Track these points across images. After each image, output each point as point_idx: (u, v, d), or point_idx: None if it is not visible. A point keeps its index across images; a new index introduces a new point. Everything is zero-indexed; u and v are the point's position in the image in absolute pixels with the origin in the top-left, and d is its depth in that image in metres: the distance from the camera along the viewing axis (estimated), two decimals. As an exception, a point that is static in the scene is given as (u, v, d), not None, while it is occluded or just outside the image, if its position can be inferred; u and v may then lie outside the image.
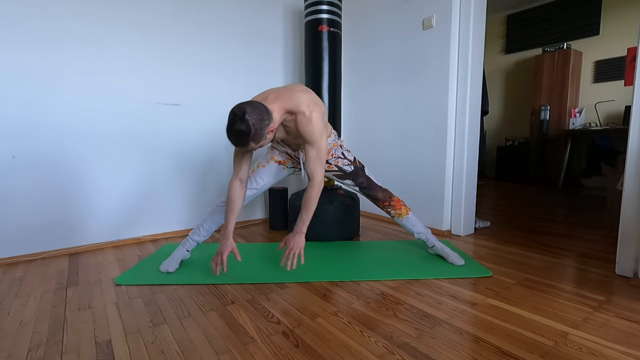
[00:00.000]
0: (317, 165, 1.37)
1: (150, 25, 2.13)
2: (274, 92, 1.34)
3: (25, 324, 1.20)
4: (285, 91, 1.34)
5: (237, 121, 1.15)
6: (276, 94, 1.33)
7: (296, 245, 1.42)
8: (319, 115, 1.33)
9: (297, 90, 1.35)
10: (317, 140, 1.33)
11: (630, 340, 1.05)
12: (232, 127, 1.16)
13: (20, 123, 1.80)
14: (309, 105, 1.31)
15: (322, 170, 1.39)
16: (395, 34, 2.46)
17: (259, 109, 1.18)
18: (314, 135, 1.32)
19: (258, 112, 1.17)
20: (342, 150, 1.70)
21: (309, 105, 1.31)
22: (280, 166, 1.66)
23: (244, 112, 1.15)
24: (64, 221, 1.96)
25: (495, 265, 1.69)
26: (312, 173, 1.39)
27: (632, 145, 1.46)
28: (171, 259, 1.66)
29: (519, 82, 4.92)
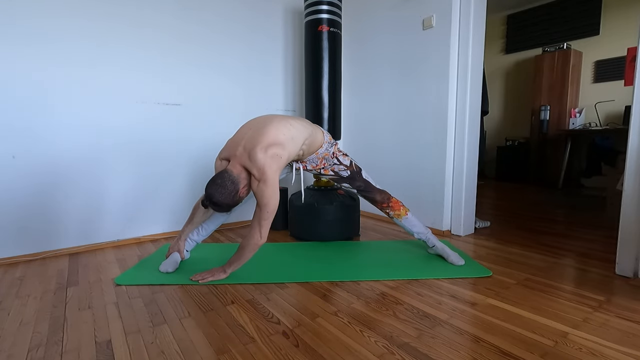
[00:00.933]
0: (258, 222, 1.37)
1: (150, 24, 2.13)
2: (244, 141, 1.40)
3: (25, 324, 1.20)
4: (250, 144, 1.36)
5: (211, 206, 1.34)
6: (242, 148, 1.38)
7: (213, 273, 1.50)
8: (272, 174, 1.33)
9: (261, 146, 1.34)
10: (265, 203, 1.35)
11: (630, 340, 1.05)
12: (213, 208, 1.35)
13: (20, 123, 1.80)
14: (262, 167, 1.32)
15: (263, 228, 1.38)
16: (395, 34, 2.46)
17: (224, 187, 1.31)
18: (262, 198, 1.34)
19: (222, 191, 1.31)
20: (336, 156, 1.70)
21: (262, 168, 1.32)
22: None
23: (211, 199, 1.32)
24: (63, 221, 1.96)
25: (495, 265, 1.69)
26: (252, 228, 1.39)
27: (632, 145, 1.46)
28: (171, 259, 1.66)
29: (519, 82, 4.92)
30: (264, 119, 1.48)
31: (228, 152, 1.43)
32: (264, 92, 2.67)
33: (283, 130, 1.42)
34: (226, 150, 1.44)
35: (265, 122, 1.44)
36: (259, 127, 1.42)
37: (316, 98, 2.18)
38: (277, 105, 2.75)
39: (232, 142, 1.44)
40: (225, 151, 1.45)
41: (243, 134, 1.43)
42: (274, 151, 1.35)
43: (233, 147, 1.41)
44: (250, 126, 1.46)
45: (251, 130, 1.42)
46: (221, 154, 1.46)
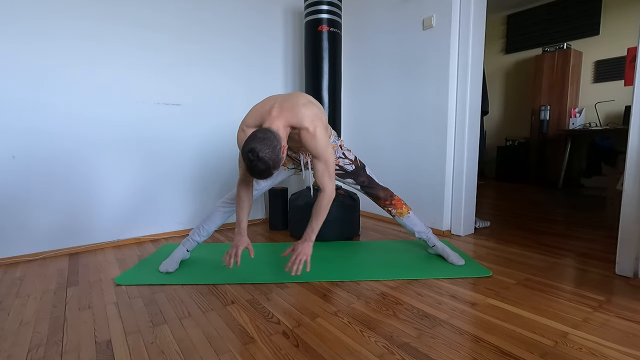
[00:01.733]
0: (325, 177, 1.38)
1: (150, 24, 2.13)
2: (277, 105, 1.33)
3: (25, 324, 1.20)
4: (288, 104, 1.33)
5: (255, 163, 1.17)
6: (279, 108, 1.32)
7: (303, 252, 1.41)
8: (322, 129, 1.34)
9: (300, 105, 1.33)
10: (322, 153, 1.34)
11: (630, 340, 1.05)
12: (254, 169, 1.18)
13: (20, 123, 1.80)
14: (312, 120, 1.31)
15: (331, 181, 1.40)
16: (395, 34, 2.46)
17: (268, 140, 1.18)
18: (319, 150, 1.33)
19: (268, 144, 1.17)
20: (342, 150, 1.70)
21: (312, 121, 1.31)
22: (281, 167, 1.66)
23: (257, 153, 1.16)
24: (64, 221, 1.96)
25: (495, 265, 1.69)
26: (322, 184, 1.40)
27: (632, 145, 1.46)
28: (171, 259, 1.66)
29: (519, 82, 4.92)
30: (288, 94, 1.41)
31: (258, 118, 1.32)
32: (264, 91, 2.67)
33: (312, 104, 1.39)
34: (254, 117, 1.34)
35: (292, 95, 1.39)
36: (286, 95, 1.37)
37: (316, 97, 2.19)
38: (277, 105, 2.75)
39: (259, 109, 1.34)
40: (252, 118, 1.34)
41: (271, 101, 1.35)
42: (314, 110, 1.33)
43: (264, 112, 1.32)
44: (275, 96, 1.39)
45: (280, 96, 1.36)
46: (247, 122, 1.35)
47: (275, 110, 1.30)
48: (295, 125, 1.31)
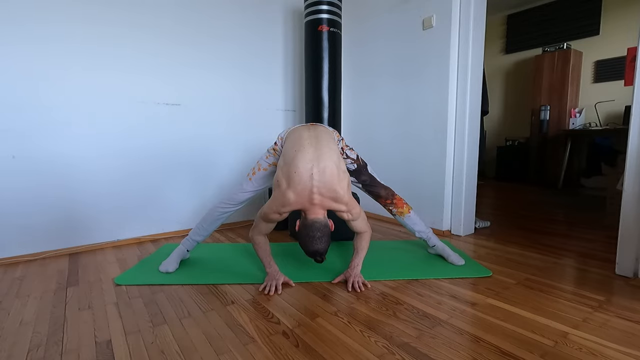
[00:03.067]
0: (364, 226, 1.50)
1: (150, 26, 2.13)
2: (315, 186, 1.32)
3: (25, 324, 1.20)
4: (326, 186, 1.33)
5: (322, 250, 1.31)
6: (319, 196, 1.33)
7: (357, 276, 1.49)
8: (352, 198, 1.42)
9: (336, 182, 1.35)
10: (357, 216, 1.44)
11: (630, 340, 1.05)
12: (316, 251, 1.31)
13: (20, 123, 1.80)
14: (347, 202, 1.39)
15: (368, 225, 1.53)
16: (395, 34, 2.46)
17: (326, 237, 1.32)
18: (353, 216, 1.43)
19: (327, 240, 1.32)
20: (344, 150, 1.70)
21: (347, 202, 1.39)
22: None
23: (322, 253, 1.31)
24: (64, 221, 1.96)
25: (495, 265, 1.69)
26: (362, 231, 1.51)
27: (632, 145, 1.46)
28: (171, 259, 1.66)
29: (519, 82, 4.92)
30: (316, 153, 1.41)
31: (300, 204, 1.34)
32: (264, 91, 2.67)
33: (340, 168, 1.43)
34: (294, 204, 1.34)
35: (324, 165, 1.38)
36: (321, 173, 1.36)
37: (316, 98, 2.18)
38: (277, 104, 2.75)
39: (298, 195, 1.33)
40: (291, 206, 1.34)
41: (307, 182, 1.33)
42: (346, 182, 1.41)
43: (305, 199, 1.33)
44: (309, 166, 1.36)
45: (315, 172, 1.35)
46: (284, 209, 1.36)
47: (317, 199, 1.34)
48: (334, 210, 1.40)
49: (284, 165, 1.39)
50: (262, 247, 1.51)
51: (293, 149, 1.41)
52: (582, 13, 4.20)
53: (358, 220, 1.46)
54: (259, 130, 2.66)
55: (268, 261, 1.52)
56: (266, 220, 1.43)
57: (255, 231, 1.49)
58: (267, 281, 1.47)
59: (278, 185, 1.37)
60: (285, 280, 1.49)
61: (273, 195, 1.39)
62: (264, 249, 1.52)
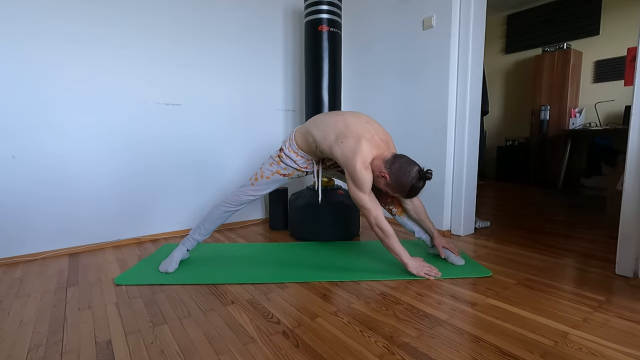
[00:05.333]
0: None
1: (151, 26, 2.13)
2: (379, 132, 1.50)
3: (25, 324, 1.20)
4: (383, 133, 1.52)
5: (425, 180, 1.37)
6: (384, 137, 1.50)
7: (422, 267, 1.53)
8: None
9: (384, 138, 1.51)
10: None
11: (630, 340, 1.05)
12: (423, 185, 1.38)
13: (20, 123, 1.80)
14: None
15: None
16: (395, 34, 2.46)
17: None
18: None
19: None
20: None
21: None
22: (284, 178, 1.68)
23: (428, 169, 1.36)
24: (64, 221, 1.96)
25: (495, 265, 1.69)
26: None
27: (632, 145, 1.46)
28: (170, 259, 1.66)
29: (519, 82, 4.92)
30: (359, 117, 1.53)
31: (375, 150, 1.45)
32: (264, 91, 2.67)
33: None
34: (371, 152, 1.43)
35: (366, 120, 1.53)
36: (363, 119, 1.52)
37: (316, 98, 2.18)
38: (278, 104, 2.75)
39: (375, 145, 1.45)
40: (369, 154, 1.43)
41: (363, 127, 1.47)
42: None
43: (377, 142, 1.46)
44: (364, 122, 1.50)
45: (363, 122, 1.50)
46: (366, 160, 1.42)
47: (381, 140, 1.47)
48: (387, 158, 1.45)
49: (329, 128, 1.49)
50: (393, 236, 1.50)
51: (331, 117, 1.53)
52: (582, 13, 4.20)
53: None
54: (259, 130, 2.66)
55: (404, 250, 1.53)
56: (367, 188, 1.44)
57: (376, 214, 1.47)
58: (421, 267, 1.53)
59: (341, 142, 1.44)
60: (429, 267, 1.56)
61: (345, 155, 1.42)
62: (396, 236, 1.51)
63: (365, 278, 1.54)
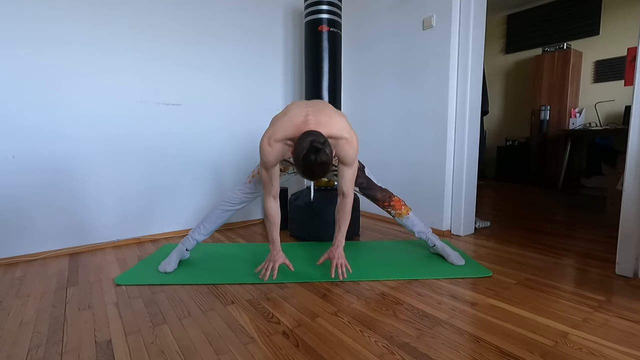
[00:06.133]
0: (350, 182, 1.46)
1: (150, 26, 2.13)
2: (312, 115, 1.33)
3: (25, 324, 1.20)
4: (324, 116, 1.35)
5: (320, 153, 1.16)
6: (315, 119, 1.32)
7: (341, 256, 1.49)
8: (356, 139, 1.40)
9: (335, 115, 1.38)
10: (354, 161, 1.42)
11: (630, 340, 1.05)
12: (315, 160, 1.16)
13: (20, 123, 1.80)
14: (349, 130, 1.37)
15: (353, 186, 1.49)
16: (395, 34, 2.46)
17: (321, 136, 1.21)
18: (352, 158, 1.40)
19: (328, 143, 1.21)
20: None
21: (349, 131, 1.37)
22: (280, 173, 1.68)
23: (324, 143, 1.17)
24: (64, 221, 1.96)
25: (495, 265, 1.69)
26: (347, 190, 1.47)
27: (632, 145, 1.46)
28: (169, 259, 1.66)
29: (519, 82, 4.92)
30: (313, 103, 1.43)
31: (292, 129, 1.30)
32: (264, 91, 2.67)
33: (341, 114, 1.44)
34: (286, 129, 1.31)
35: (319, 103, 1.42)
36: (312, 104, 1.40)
37: (316, 98, 2.18)
38: (278, 104, 2.75)
39: (292, 119, 1.31)
40: (283, 131, 1.31)
41: (300, 110, 1.34)
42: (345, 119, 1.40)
43: (299, 122, 1.30)
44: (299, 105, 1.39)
45: (307, 106, 1.38)
46: (276, 136, 1.31)
47: (312, 121, 1.30)
48: (334, 135, 1.34)
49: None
50: (271, 217, 1.46)
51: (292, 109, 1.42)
52: (582, 13, 4.20)
53: (351, 169, 1.41)
54: (259, 130, 2.66)
55: (273, 238, 1.49)
56: (263, 161, 1.35)
57: (265, 191, 1.44)
58: (264, 262, 1.49)
59: (272, 122, 1.38)
60: (283, 262, 1.49)
61: (266, 131, 1.38)
62: (274, 221, 1.47)
63: (365, 278, 1.54)
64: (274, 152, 1.34)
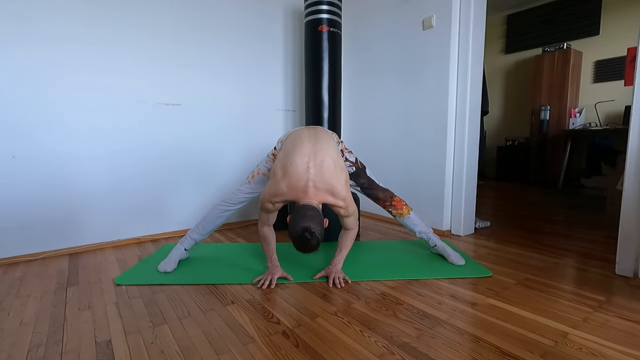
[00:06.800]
0: (355, 224, 1.52)
1: (150, 26, 2.13)
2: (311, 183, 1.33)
3: (25, 324, 1.20)
4: (322, 180, 1.34)
5: (311, 242, 1.24)
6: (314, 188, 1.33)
7: (338, 272, 1.52)
8: (350, 194, 1.42)
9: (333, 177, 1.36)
10: (352, 213, 1.45)
11: (630, 340, 1.05)
12: (307, 246, 1.25)
13: (20, 123, 1.80)
14: (345, 197, 1.39)
15: (357, 225, 1.54)
16: (395, 34, 2.46)
17: (317, 218, 1.26)
18: (349, 212, 1.43)
19: (318, 222, 1.25)
20: (344, 153, 1.70)
21: (345, 198, 1.39)
22: None
23: (313, 232, 1.22)
24: (64, 221, 1.96)
25: (495, 265, 1.69)
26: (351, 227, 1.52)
27: (632, 145, 1.46)
28: (169, 259, 1.66)
29: (519, 82, 4.92)
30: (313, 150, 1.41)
31: (292, 194, 1.35)
32: (264, 91, 2.67)
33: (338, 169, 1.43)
34: (286, 193, 1.35)
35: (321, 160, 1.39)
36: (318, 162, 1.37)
37: (316, 98, 2.18)
38: (278, 104, 2.75)
39: (291, 186, 1.34)
40: (286, 196, 1.35)
41: (303, 175, 1.34)
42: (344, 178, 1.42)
43: (299, 189, 1.34)
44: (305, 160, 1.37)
45: (311, 166, 1.36)
46: (278, 199, 1.37)
47: (311, 189, 1.34)
48: (331, 203, 1.39)
49: (282, 157, 1.41)
50: (266, 239, 1.53)
51: (292, 144, 1.45)
52: (582, 13, 4.20)
53: (351, 217, 1.48)
54: (259, 130, 2.66)
55: (269, 255, 1.55)
56: (263, 209, 1.44)
57: (260, 222, 1.52)
58: (264, 275, 1.52)
59: (274, 175, 1.39)
60: (282, 275, 1.53)
61: (268, 184, 1.41)
62: (268, 242, 1.54)
63: (365, 278, 1.54)
64: (275, 208, 1.43)
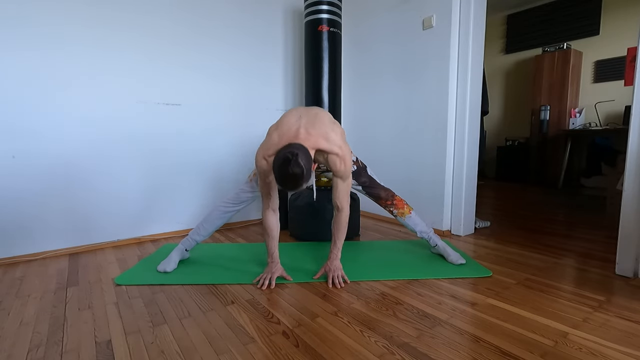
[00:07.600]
0: (345, 196, 1.46)
1: (150, 27, 2.13)
2: (303, 128, 1.32)
3: (25, 324, 1.20)
4: (316, 129, 1.33)
5: (291, 165, 1.13)
6: (306, 132, 1.31)
7: (337, 269, 1.50)
8: (349, 153, 1.38)
9: (328, 128, 1.35)
10: (348, 175, 1.41)
11: (630, 340, 1.05)
12: (287, 171, 1.14)
13: (20, 123, 1.80)
14: (341, 146, 1.35)
15: (349, 200, 1.49)
16: (395, 34, 2.46)
17: (304, 150, 1.20)
18: (346, 172, 1.39)
19: (305, 153, 1.19)
20: None
21: (341, 147, 1.35)
22: None
23: (296, 154, 1.14)
24: (64, 221, 1.96)
25: (495, 265, 1.69)
26: (341, 204, 1.47)
27: (632, 145, 1.46)
28: (169, 259, 1.66)
29: (519, 82, 4.92)
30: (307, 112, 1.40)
31: (284, 142, 1.29)
32: (264, 91, 2.67)
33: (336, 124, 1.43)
34: (278, 143, 1.30)
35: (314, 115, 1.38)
36: (308, 114, 1.37)
37: (316, 98, 2.18)
38: (278, 104, 2.75)
39: (284, 133, 1.30)
40: (278, 146, 1.30)
41: (293, 122, 1.32)
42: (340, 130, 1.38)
43: (290, 136, 1.29)
44: (294, 114, 1.37)
45: (302, 115, 1.36)
46: (270, 151, 1.32)
47: (303, 133, 1.30)
48: (324, 149, 1.33)
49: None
50: (270, 231, 1.49)
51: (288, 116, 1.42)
52: (582, 13, 4.20)
53: (345, 182, 1.41)
54: (259, 130, 2.66)
55: (271, 251, 1.51)
56: (259, 171, 1.37)
57: (263, 203, 1.45)
58: (263, 273, 1.50)
59: (267, 134, 1.37)
60: (281, 274, 1.51)
61: (261, 143, 1.39)
62: (272, 235, 1.49)
63: (365, 278, 1.54)
64: (269, 166, 1.36)
